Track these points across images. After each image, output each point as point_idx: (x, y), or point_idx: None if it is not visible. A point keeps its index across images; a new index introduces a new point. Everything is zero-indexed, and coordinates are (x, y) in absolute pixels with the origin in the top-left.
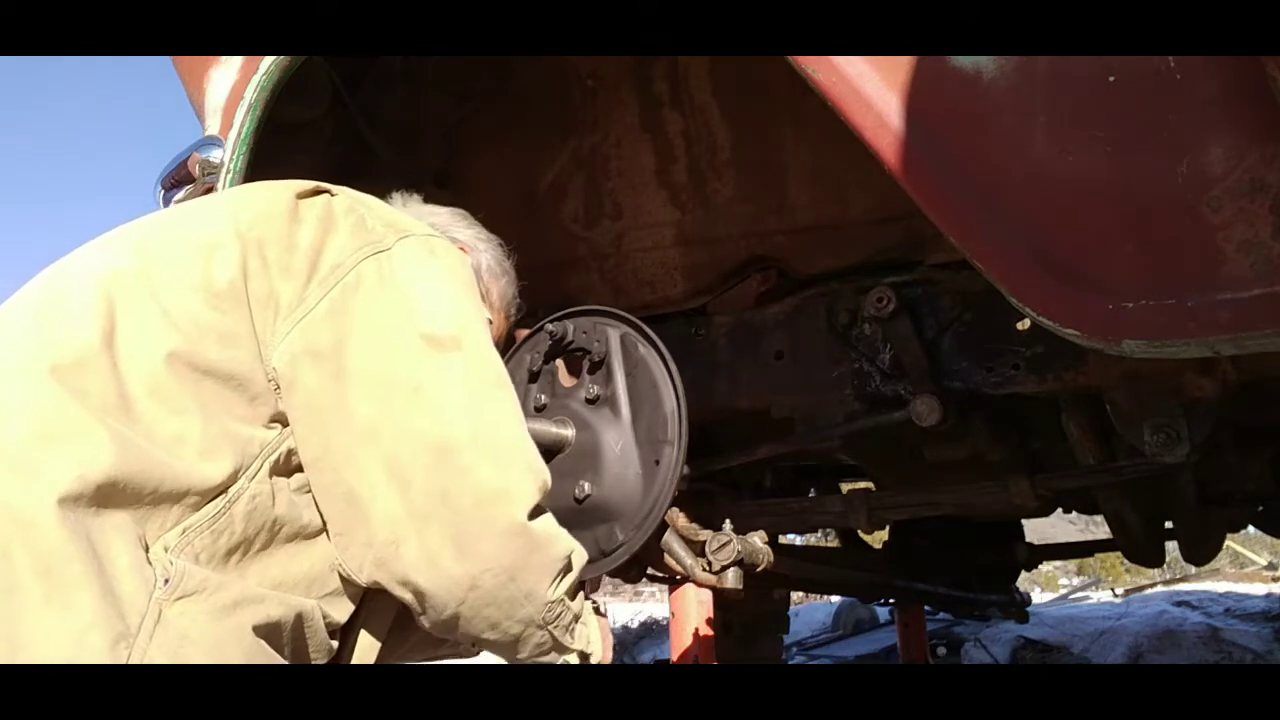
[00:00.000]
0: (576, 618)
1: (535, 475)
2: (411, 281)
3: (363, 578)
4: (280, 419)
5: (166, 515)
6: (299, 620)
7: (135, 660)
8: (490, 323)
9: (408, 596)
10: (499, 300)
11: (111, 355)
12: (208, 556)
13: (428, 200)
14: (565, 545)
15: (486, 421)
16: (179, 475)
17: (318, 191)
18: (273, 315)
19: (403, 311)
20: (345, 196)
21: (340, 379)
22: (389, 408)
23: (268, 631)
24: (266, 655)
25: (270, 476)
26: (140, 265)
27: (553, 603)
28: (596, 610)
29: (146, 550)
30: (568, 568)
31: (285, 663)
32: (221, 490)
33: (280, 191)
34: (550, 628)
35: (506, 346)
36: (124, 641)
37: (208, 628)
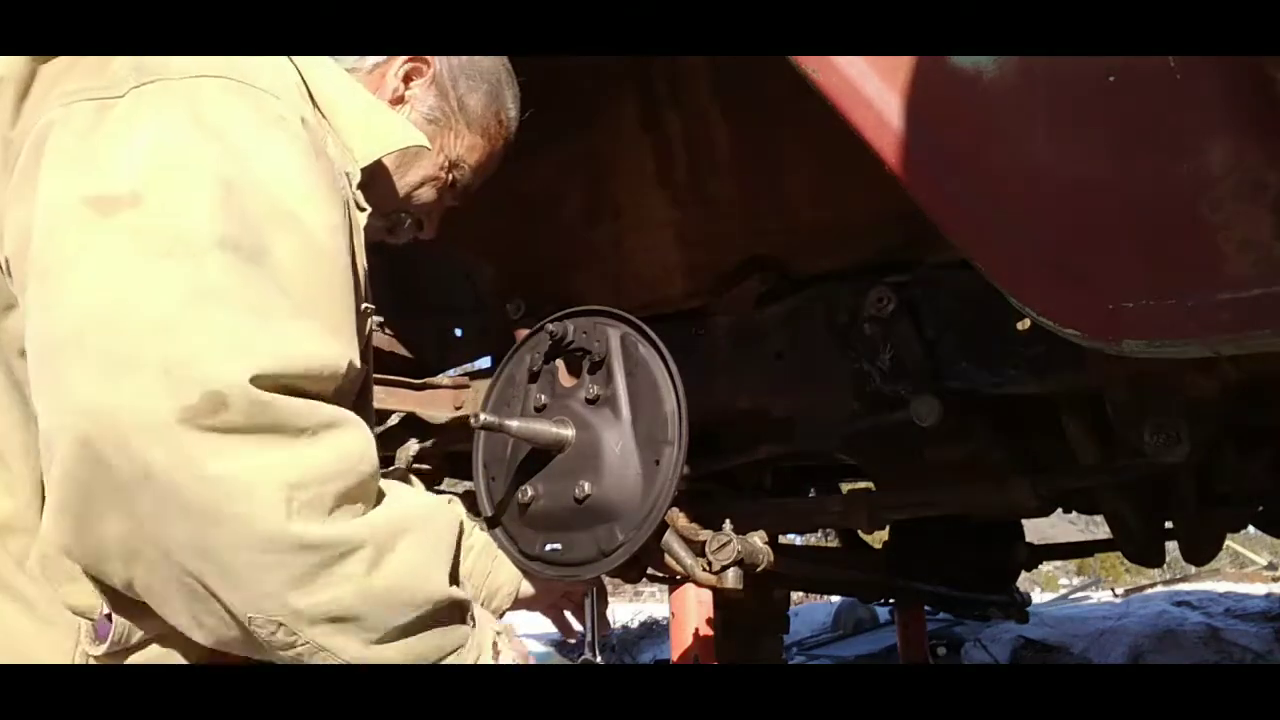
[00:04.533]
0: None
1: (179, 381)
2: (117, 132)
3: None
4: None
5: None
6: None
7: None
8: (460, 148)
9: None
10: (475, 113)
11: None
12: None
13: None
14: (271, 514)
15: (115, 305)
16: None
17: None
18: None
19: (76, 170)
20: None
21: (19, 283)
22: (28, 304)
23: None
24: None
25: None
26: None
27: (277, 617)
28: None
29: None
30: (299, 551)
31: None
32: None
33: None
34: (294, 653)
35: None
36: None
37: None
